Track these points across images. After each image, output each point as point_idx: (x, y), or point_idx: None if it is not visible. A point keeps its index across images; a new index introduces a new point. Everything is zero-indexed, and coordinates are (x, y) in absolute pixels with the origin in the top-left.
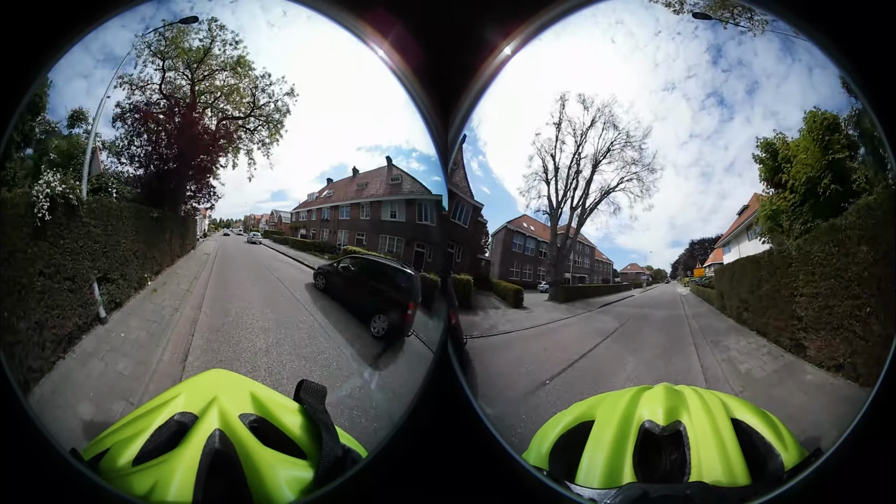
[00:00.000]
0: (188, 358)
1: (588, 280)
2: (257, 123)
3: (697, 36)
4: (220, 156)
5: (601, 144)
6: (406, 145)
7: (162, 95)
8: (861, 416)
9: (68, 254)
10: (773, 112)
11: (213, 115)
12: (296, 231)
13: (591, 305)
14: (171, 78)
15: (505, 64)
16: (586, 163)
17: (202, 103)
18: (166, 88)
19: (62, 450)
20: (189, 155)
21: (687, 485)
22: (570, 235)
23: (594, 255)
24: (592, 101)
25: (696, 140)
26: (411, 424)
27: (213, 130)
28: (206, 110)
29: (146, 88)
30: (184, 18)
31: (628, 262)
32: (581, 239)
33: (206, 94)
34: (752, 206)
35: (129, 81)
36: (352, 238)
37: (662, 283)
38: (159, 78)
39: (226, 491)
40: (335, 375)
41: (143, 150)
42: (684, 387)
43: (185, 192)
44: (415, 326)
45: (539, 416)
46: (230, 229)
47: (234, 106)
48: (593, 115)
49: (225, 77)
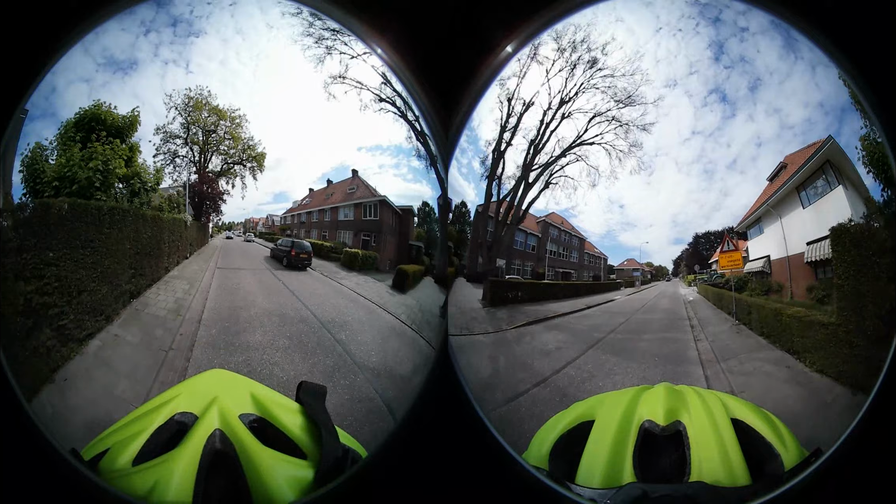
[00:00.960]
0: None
1: (576, 277)
2: (250, 163)
3: (699, 33)
4: (223, 185)
5: (578, 79)
6: (407, 144)
7: (185, 143)
8: (861, 417)
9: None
10: (775, 109)
11: (218, 159)
12: (283, 231)
13: (523, 317)
14: (193, 133)
15: (506, 63)
16: (552, 101)
17: (211, 148)
18: (190, 139)
19: (62, 450)
20: (204, 188)
21: (687, 485)
22: (515, 204)
23: (584, 247)
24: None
25: (698, 137)
26: (411, 424)
27: (217, 171)
28: (212, 156)
29: (176, 139)
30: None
31: (626, 258)
32: (568, 228)
33: (213, 143)
34: (796, 163)
35: (166, 132)
36: (319, 235)
37: (663, 282)
38: (184, 133)
39: (226, 491)
40: (266, 284)
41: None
42: (684, 387)
43: (204, 209)
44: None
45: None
46: (231, 231)
47: (231, 150)
48: (571, 43)
49: (226, 127)
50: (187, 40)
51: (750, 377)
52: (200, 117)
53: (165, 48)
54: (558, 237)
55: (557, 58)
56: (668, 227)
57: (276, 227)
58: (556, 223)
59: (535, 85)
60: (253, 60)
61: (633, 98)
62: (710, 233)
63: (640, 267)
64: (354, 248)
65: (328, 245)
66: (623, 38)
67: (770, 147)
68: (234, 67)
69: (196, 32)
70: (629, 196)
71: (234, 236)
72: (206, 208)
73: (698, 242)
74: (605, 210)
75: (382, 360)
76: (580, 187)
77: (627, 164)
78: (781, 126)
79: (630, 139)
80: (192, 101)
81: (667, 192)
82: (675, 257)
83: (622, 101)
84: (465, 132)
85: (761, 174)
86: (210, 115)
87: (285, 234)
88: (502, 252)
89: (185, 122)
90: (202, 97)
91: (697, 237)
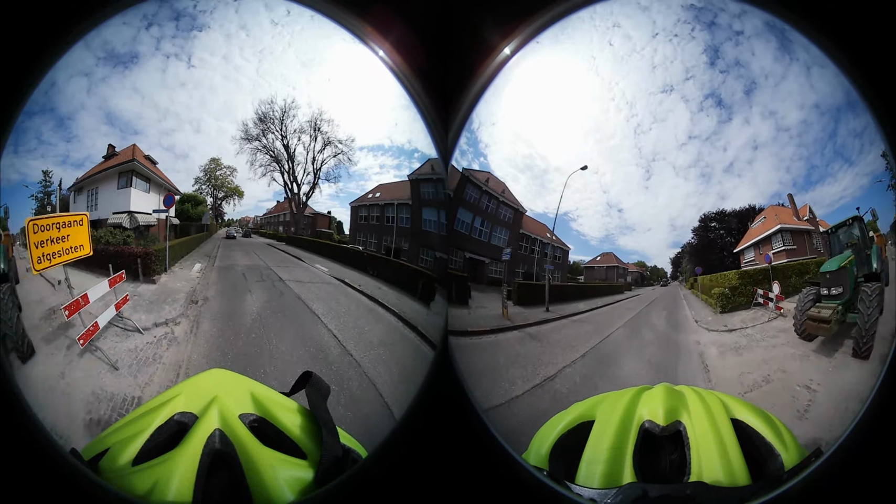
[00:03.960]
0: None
1: (496, 270)
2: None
3: (694, 38)
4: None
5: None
6: (408, 146)
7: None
8: (861, 417)
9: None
10: (771, 112)
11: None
12: (260, 228)
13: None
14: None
15: (504, 64)
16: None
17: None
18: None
19: (62, 450)
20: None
21: (687, 485)
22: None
23: (521, 222)
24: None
25: (695, 141)
26: (411, 424)
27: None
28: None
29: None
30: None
31: (600, 253)
32: (495, 189)
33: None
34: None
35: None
36: (276, 230)
37: (658, 287)
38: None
39: (226, 491)
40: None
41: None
42: (684, 387)
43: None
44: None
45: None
46: (230, 228)
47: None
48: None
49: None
50: (190, 34)
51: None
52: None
53: (167, 42)
54: (477, 201)
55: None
56: (666, 231)
57: (258, 224)
58: (478, 180)
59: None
60: (256, 57)
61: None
62: (726, 213)
63: (622, 265)
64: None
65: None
66: (620, 44)
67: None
68: (237, 63)
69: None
70: (628, 201)
71: (234, 233)
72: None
73: (708, 227)
74: (603, 214)
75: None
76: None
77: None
78: (777, 129)
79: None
80: (215, 179)
81: (665, 196)
82: (675, 254)
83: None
84: (464, 134)
85: (758, 178)
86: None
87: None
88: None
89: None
90: (223, 176)
91: (706, 219)
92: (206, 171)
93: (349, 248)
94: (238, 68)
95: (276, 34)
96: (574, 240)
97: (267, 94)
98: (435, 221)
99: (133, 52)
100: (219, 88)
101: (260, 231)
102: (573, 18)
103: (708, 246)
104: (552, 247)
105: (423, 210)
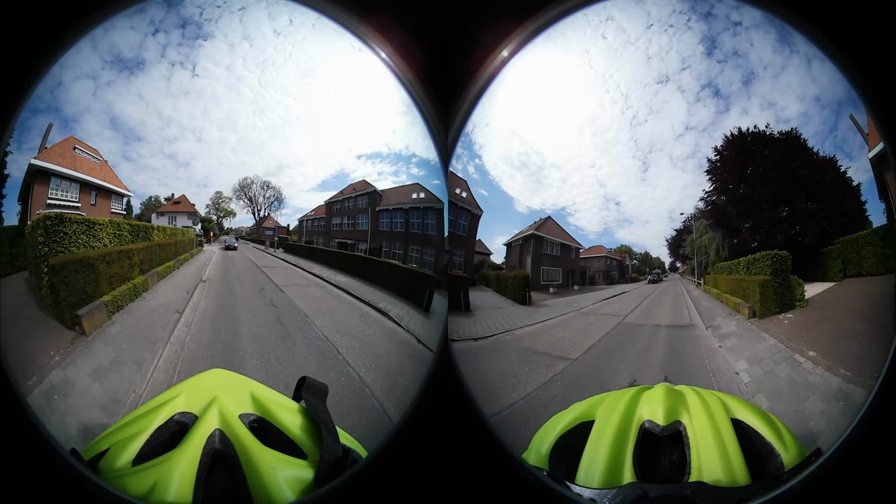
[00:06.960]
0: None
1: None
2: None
3: (690, 28)
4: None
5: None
6: (406, 151)
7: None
8: (861, 416)
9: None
10: (770, 103)
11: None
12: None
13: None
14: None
15: (502, 67)
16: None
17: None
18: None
19: (62, 450)
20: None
21: (687, 485)
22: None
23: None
24: None
25: (692, 132)
26: (411, 424)
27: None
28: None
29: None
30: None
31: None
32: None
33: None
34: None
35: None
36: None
37: (650, 281)
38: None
39: (226, 491)
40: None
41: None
42: (684, 387)
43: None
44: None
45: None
46: (228, 237)
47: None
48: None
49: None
50: (195, 43)
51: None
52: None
53: (173, 50)
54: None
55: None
56: (664, 223)
57: (247, 234)
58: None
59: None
60: (258, 67)
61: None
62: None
63: (610, 255)
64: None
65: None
66: (613, 36)
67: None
68: (240, 73)
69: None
70: (625, 194)
71: (233, 243)
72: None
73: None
74: (601, 208)
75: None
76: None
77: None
78: (777, 120)
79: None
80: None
81: (662, 188)
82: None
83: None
84: (461, 137)
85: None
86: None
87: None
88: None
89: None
90: (224, 203)
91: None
92: (214, 202)
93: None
94: (241, 79)
95: (278, 45)
96: (572, 234)
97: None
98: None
99: (139, 58)
100: (221, 98)
101: (244, 237)
102: (570, 19)
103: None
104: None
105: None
